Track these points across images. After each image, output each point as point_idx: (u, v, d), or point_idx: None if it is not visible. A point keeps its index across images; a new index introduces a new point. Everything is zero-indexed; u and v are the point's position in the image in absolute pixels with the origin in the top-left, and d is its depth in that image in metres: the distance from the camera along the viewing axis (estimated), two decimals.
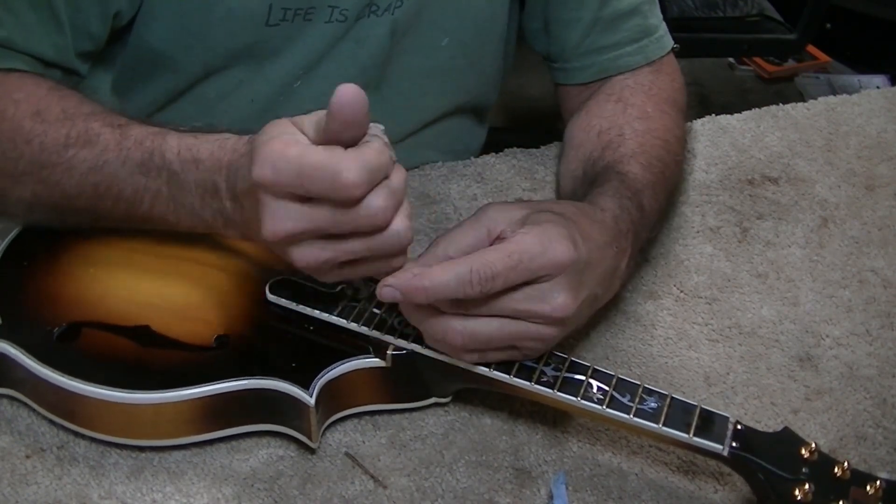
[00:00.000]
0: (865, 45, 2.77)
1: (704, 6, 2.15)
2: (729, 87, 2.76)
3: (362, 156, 0.59)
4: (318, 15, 0.86)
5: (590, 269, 0.67)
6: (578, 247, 0.65)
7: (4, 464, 0.68)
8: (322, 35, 0.87)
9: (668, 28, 0.97)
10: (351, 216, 0.60)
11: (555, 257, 0.64)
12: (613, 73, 0.93)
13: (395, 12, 0.88)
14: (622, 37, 0.92)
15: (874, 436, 0.73)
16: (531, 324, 0.65)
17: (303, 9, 0.85)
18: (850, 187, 0.98)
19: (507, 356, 0.67)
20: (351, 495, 0.68)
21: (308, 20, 0.86)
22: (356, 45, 0.89)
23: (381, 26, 0.88)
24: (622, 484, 0.69)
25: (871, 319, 0.83)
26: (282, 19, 0.85)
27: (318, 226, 0.61)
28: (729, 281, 0.86)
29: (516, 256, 0.63)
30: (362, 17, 0.87)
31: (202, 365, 0.69)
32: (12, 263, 0.76)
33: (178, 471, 0.68)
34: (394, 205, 0.61)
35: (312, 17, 0.86)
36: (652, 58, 0.93)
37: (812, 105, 1.10)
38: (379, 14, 0.88)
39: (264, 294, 0.73)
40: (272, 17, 0.84)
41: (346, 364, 0.69)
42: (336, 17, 0.86)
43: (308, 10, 0.85)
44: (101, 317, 0.72)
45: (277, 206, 0.61)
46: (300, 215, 0.61)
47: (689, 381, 0.77)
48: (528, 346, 0.67)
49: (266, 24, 0.84)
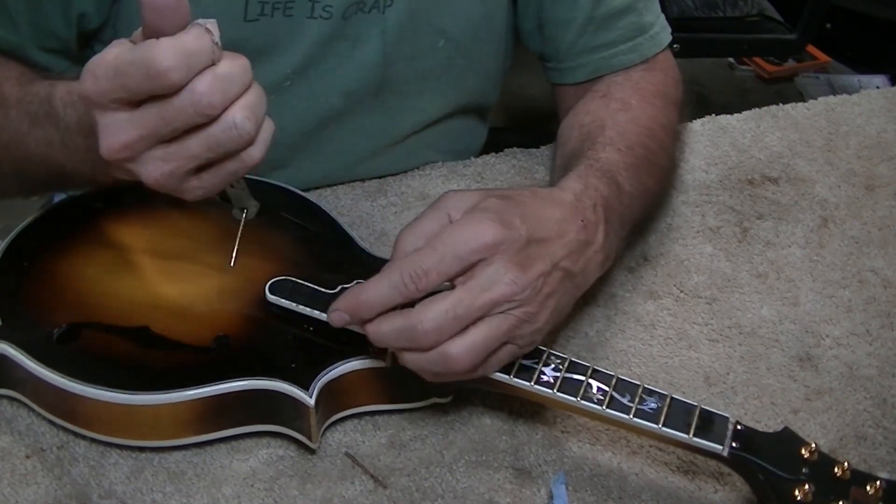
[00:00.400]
0: (865, 45, 2.77)
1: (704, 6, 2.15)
2: (729, 87, 2.76)
3: (176, 41, 0.58)
4: (298, 10, 0.85)
5: (539, 244, 0.67)
6: (511, 225, 0.65)
7: (4, 464, 0.68)
8: (309, 32, 0.87)
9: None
10: (176, 107, 0.59)
11: (479, 239, 0.64)
12: (607, 71, 0.93)
13: (386, 11, 0.88)
14: (616, 35, 0.92)
15: (874, 436, 0.73)
16: (506, 314, 0.65)
17: (281, 3, 0.84)
18: (850, 187, 0.98)
19: (508, 354, 0.67)
20: (351, 495, 0.68)
21: (289, 15, 0.85)
22: (351, 45, 0.89)
23: (373, 25, 0.88)
24: (622, 484, 0.69)
25: (871, 319, 0.83)
26: (260, 14, 0.84)
27: (149, 127, 0.60)
28: (729, 281, 0.86)
29: (440, 248, 0.64)
30: (351, 16, 0.87)
31: (202, 366, 0.69)
32: (12, 264, 0.76)
33: (178, 471, 0.68)
34: (221, 90, 0.59)
35: (293, 13, 0.85)
36: (647, 55, 0.93)
37: (812, 105, 1.10)
38: (366, 11, 0.87)
39: (264, 294, 0.73)
40: (249, 11, 0.84)
41: (346, 364, 0.69)
42: (320, 14, 0.86)
43: (287, 5, 0.84)
44: (100, 318, 0.72)
45: (107, 120, 0.60)
46: (129, 122, 0.60)
47: (689, 381, 0.77)
48: (519, 336, 0.66)
49: (244, 19, 0.84)
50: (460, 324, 0.63)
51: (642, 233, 0.90)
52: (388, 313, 0.65)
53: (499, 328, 0.64)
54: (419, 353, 0.64)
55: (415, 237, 0.66)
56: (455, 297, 0.63)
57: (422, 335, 0.63)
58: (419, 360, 0.65)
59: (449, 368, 0.64)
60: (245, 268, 0.76)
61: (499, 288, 0.64)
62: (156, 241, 0.78)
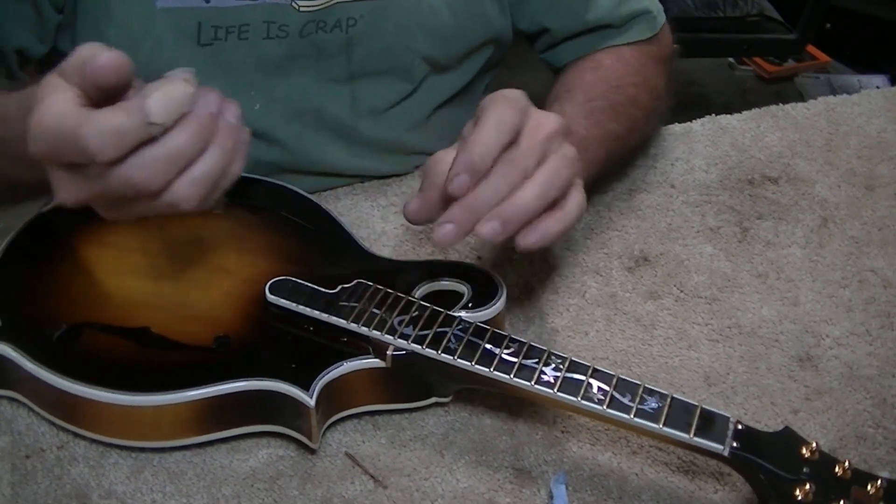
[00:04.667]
0: (865, 45, 2.77)
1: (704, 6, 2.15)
2: (729, 87, 2.76)
3: (102, 119, 0.55)
4: (253, 33, 0.85)
5: None
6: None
7: (4, 464, 0.68)
8: (267, 53, 0.87)
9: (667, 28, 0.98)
10: (113, 185, 0.57)
11: (515, 92, 0.67)
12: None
13: (349, 31, 0.88)
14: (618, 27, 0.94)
15: (874, 436, 0.73)
16: (550, 159, 0.66)
17: (235, 27, 0.84)
18: (850, 187, 0.98)
19: (553, 226, 0.67)
20: (351, 495, 0.68)
21: (244, 38, 0.85)
22: (312, 63, 0.89)
23: (334, 44, 0.88)
24: (622, 484, 0.69)
25: (871, 319, 0.83)
26: (213, 38, 0.84)
27: (94, 192, 0.58)
28: (729, 281, 0.86)
29: (499, 97, 0.66)
30: (310, 34, 0.87)
31: (202, 366, 0.69)
32: (12, 265, 0.76)
33: (178, 471, 0.68)
34: (159, 171, 0.57)
35: (248, 36, 0.85)
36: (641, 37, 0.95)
37: (812, 105, 1.10)
38: (328, 31, 0.87)
39: (264, 295, 0.73)
40: (203, 35, 0.84)
41: (346, 365, 0.69)
42: (276, 34, 0.86)
43: (242, 28, 0.84)
44: (101, 318, 0.72)
45: (55, 175, 0.59)
46: (75, 185, 0.59)
47: (689, 381, 0.77)
48: (563, 186, 0.67)
49: (198, 43, 0.84)
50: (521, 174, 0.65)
51: (639, 229, 0.90)
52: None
53: (549, 171, 0.66)
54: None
55: (438, 175, 0.67)
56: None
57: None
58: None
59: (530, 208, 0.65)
60: (245, 268, 0.76)
61: (544, 121, 0.68)
62: (156, 241, 0.78)
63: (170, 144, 0.57)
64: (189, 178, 0.58)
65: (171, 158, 0.57)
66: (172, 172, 0.58)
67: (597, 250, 0.89)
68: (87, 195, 0.59)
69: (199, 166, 0.59)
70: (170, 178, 0.58)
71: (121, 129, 0.55)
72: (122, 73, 0.56)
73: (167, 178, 0.57)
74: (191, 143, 0.58)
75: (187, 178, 0.58)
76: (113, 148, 0.55)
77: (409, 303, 0.71)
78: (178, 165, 0.58)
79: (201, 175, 0.59)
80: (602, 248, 0.89)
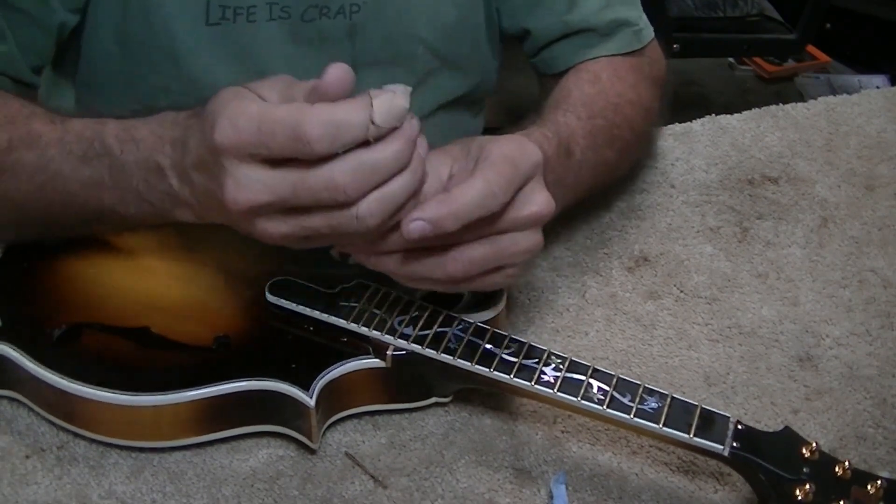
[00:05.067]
0: (865, 45, 2.77)
1: (704, 6, 2.15)
2: (729, 87, 2.76)
3: (328, 110, 0.56)
4: (259, 14, 0.85)
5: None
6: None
7: (4, 464, 0.68)
8: (270, 35, 0.87)
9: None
10: (311, 185, 0.57)
11: (532, 157, 0.65)
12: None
13: (353, 17, 0.88)
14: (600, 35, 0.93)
15: (874, 436, 0.73)
16: (516, 233, 0.65)
17: (243, 8, 0.84)
18: (850, 187, 0.98)
19: (493, 281, 0.66)
20: (351, 495, 0.68)
21: (252, 21, 0.85)
22: (317, 49, 0.88)
23: (338, 30, 0.88)
24: (622, 484, 0.69)
25: (871, 319, 0.83)
26: (221, 18, 0.84)
27: (279, 195, 0.58)
28: (729, 281, 0.86)
29: (510, 160, 0.63)
30: (313, 19, 0.87)
31: (202, 366, 0.69)
32: (12, 265, 0.76)
33: (178, 471, 0.68)
34: (360, 180, 0.57)
35: (255, 18, 0.85)
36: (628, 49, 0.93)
37: (812, 105, 1.10)
38: (331, 17, 0.87)
39: (264, 295, 0.73)
40: (211, 15, 0.84)
41: (346, 365, 0.69)
42: (279, 14, 0.86)
43: (250, 10, 0.85)
44: (101, 318, 0.72)
45: (241, 173, 0.58)
46: (261, 184, 0.58)
47: (689, 381, 0.77)
48: (515, 258, 0.65)
49: (206, 23, 0.84)
50: (479, 232, 0.64)
51: (639, 229, 0.90)
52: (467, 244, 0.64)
53: (505, 247, 0.65)
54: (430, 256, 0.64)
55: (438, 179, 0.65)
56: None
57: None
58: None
59: (450, 272, 0.64)
60: (245, 268, 0.76)
61: (532, 206, 0.65)
62: (156, 241, 0.78)
63: (378, 155, 0.57)
64: (381, 194, 0.58)
65: (377, 169, 0.57)
66: (371, 184, 0.58)
67: (597, 250, 0.89)
68: (270, 199, 0.58)
69: (392, 185, 0.58)
70: (366, 190, 0.58)
71: (344, 122, 0.56)
72: (346, 82, 0.58)
73: (365, 189, 0.58)
74: (396, 158, 0.58)
75: (379, 193, 0.58)
76: (330, 140, 0.56)
77: (409, 303, 0.71)
78: (379, 178, 0.58)
79: (392, 194, 0.59)
80: (602, 248, 0.89)
